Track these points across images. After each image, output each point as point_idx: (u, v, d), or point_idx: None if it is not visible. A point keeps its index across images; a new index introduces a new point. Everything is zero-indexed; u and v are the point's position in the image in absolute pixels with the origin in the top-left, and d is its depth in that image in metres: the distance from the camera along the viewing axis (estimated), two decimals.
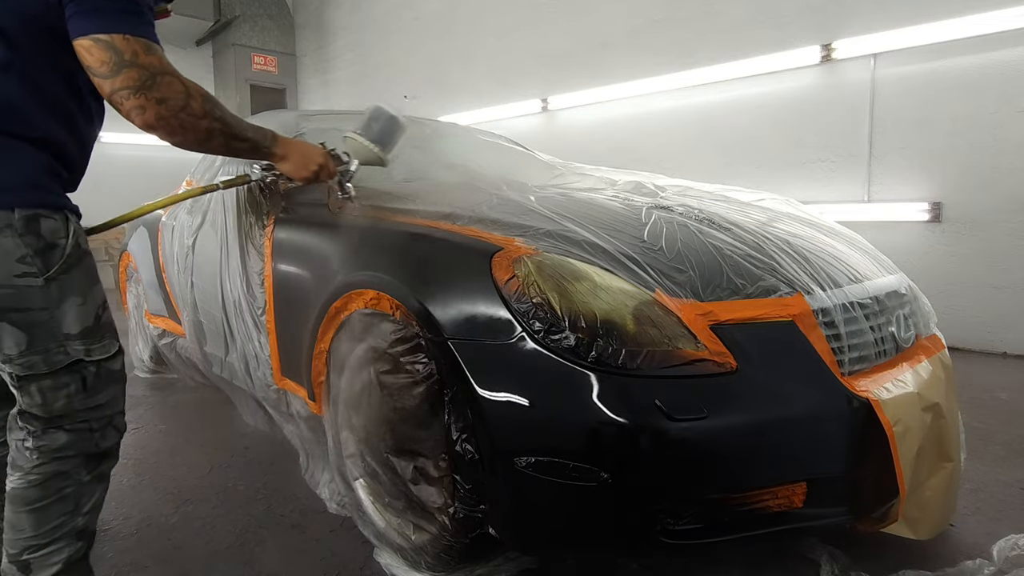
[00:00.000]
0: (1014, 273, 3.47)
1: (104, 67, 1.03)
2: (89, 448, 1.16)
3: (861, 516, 1.22)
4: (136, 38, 1.05)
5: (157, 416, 2.64)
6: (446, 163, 2.29)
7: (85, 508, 1.17)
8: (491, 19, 6.16)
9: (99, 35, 1.02)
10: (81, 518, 1.17)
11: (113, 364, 1.18)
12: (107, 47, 1.02)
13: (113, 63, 1.03)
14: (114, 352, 1.18)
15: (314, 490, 1.79)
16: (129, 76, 1.04)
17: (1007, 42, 3.36)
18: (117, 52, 1.03)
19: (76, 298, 1.10)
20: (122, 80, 1.04)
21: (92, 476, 1.18)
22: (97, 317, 1.14)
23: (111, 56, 1.03)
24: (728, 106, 4.50)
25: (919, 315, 1.54)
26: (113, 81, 1.04)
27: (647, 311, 1.14)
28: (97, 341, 1.14)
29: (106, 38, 1.02)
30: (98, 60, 1.03)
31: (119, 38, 1.03)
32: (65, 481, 1.14)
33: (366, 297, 1.45)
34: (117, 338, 1.20)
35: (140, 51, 1.05)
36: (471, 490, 1.20)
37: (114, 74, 1.04)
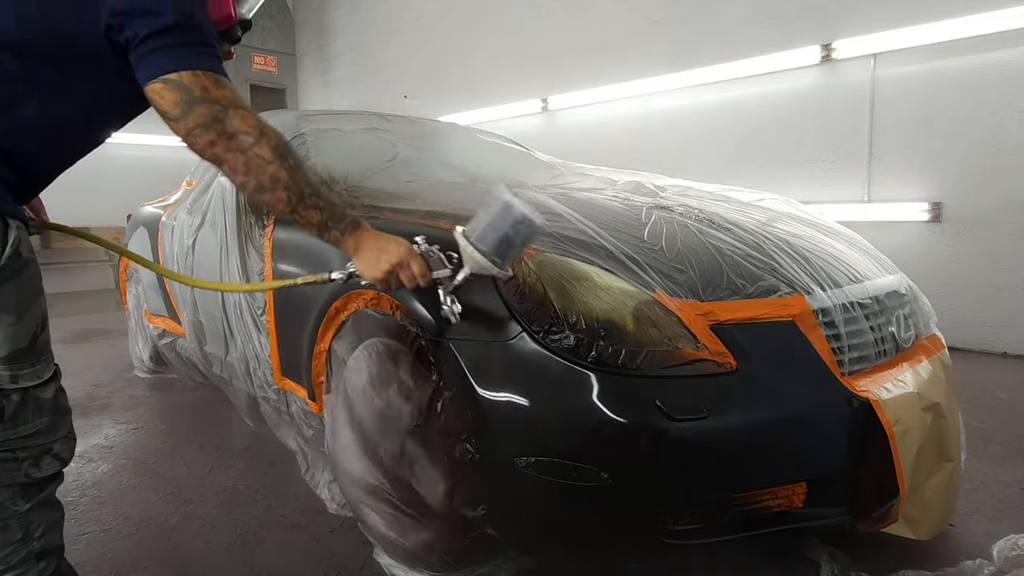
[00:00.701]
0: (1014, 273, 3.47)
1: (176, 108, 0.99)
2: (18, 479, 1.05)
3: (861, 516, 1.22)
4: (204, 73, 1.00)
5: (157, 416, 2.64)
6: (446, 163, 2.29)
7: (36, 533, 1.09)
8: (491, 19, 6.17)
9: (167, 76, 0.98)
10: (36, 542, 1.09)
11: (43, 392, 1.06)
12: (176, 87, 0.98)
13: (183, 102, 0.98)
14: (47, 378, 1.06)
15: (314, 490, 1.79)
16: (200, 113, 0.99)
17: (1007, 42, 3.36)
18: (186, 90, 0.98)
19: (6, 316, 0.97)
20: (194, 118, 0.99)
21: (33, 504, 1.08)
22: (34, 337, 1.03)
23: (180, 95, 0.98)
24: (728, 106, 4.51)
25: (919, 315, 1.54)
26: (186, 122, 0.99)
27: (647, 311, 1.14)
28: (27, 366, 1.02)
29: (175, 77, 0.98)
30: (169, 102, 0.98)
31: (187, 75, 0.99)
32: (2, 512, 1.04)
33: (366, 297, 1.46)
34: (53, 360, 1.09)
35: (210, 85, 1.00)
36: (471, 490, 1.20)
37: (185, 114, 0.99)
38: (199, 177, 2.65)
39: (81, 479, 2.00)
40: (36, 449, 1.07)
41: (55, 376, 1.09)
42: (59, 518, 1.15)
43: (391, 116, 2.57)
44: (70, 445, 1.15)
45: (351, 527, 1.61)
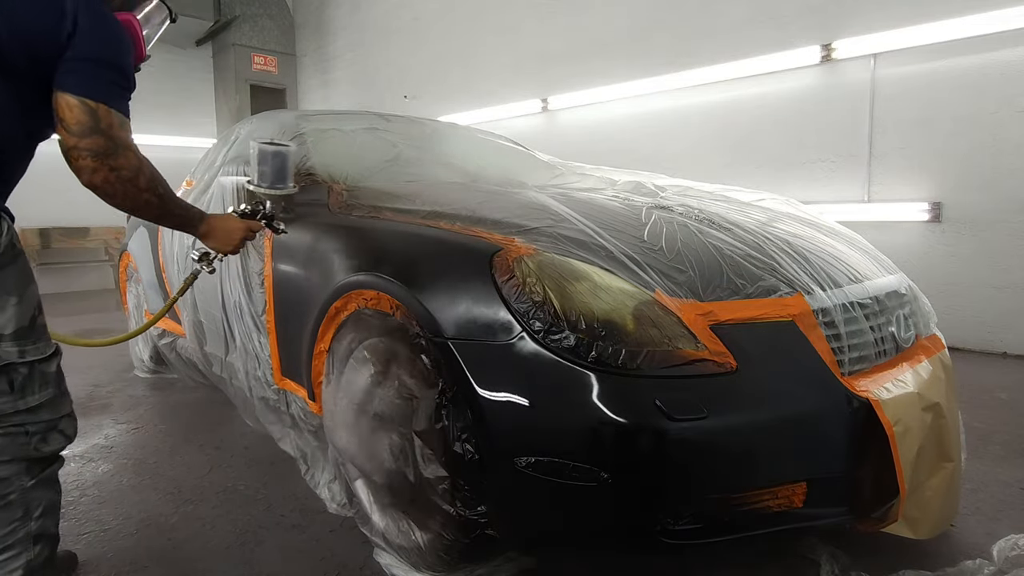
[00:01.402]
0: (1014, 273, 3.47)
1: (77, 126, 1.13)
2: (27, 453, 1.14)
3: (861, 516, 1.22)
4: (116, 112, 1.17)
5: (157, 416, 2.64)
6: (446, 163, 2.29)
7: (36, 513, 1.15)
8: (491, 19, 6.17)
9: (86, 99, 1.13)
10: (34, 523, 1.15)
11: (48, 366, 1.17)
12: (88, 112, 1.13)
13: (88, 126, 1.13)
14: (50, 354, 1.18)
15: (314, 490, 1.79)
16: (96, 142, 1.15)
17: (1007, 42, 3.36)
18: (95, 119, 1.14)
19: (11, 297, 1.10)
20: (88, 143, 1.14)
21: (37, 481, 1.16)
22: (33, 319, 1.14)
23: (88, 120, 1.13)
24: (728, 106, 4.51)
25: (919, 315, 1.54)
26: (79, 140, 1.14)
27: (647, 311, 1.14)
28: (31, 343, 1.13)
29: (92, 104, 1.13)
30: (75, 119, 1.13)
31: (103, 108, 1.15)
32: (7, 488, 1.12)
33: (366, 297, 1.46)
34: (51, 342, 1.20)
35: (115, 124, 1.17)
36: (471, 490, 1.20)
37: (83, 136, 1.13)
38: (199, 177, 2.66)
39: (81, 479, 2.00)
40: (44, 424, 1.16)
41: (56, 352, 1.21)
42: (57, 500, 1.23)
43: (391, 116, 2.57)
44: (74, 424, 1.25)
45: (351, 527, 1.61)
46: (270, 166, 1.58)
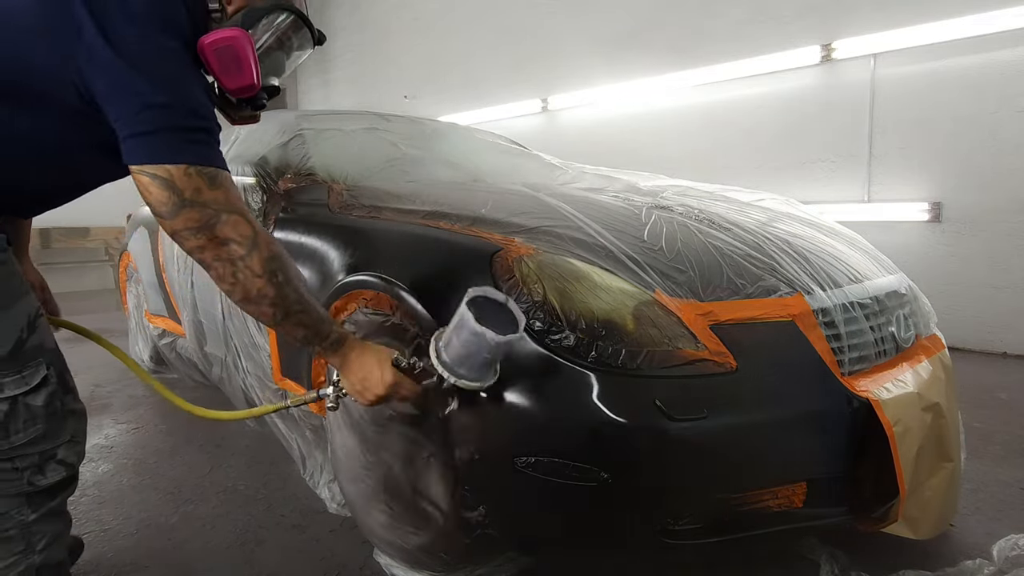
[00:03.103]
0: (1014, 273, 3.47)
1: (164, 207, 0.92)
2: (21, 488, 1.00)
3: (861, 516, 1.22)
4: (199, 169, 0.93)
5: (157, 416, 2.64)
6: (446, 163, 2.29)
7: (39, 546, 1.04)
8: (491, 19, 6.16)
9: (156, 169, 0.90)
10: (38, 556, 1.04)
11: (34, 399, 0.99)
12: (166, 185, 0.91)
13: (173, 202, 0.91)
14: (36, 384, 1.00)
15: (314, 490, 1.79)
16: (190, 217, 0.93)
17: (1007, 42, 3.36)
18: (176, 191, 0.91)
19: None
20: (182, 220, 0.93)
21: (41, 514, 1.03)
22: (19, 342, 0.97)
23: (170, 196, 0.91)
24: (728, 106, 4.51)
25: (919, 315, 1.54)
26: (174, 222, 0.93)
27: (647, 311, 1.14)
28: (13, 372, 0.97)
29: (164, 174, 0.91)
30: (157, 200, 0.92)
31: (179, 173, 0.91)
32: (6, 523, 1.00)
33: (366, 297, 1.45)
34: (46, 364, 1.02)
35: (203, 186, 0.93)
36: (471, 490, 1.20)
37: (174, 215, 0.92)
38: None
39: (81, 479, 1.99)
40: (36, 457, 1.01)
41: (45, 381, 1.02)
42: (64, 530, 1.11)
43: (391, 116, 2.57)
44: (76, 449, 1.08)
45: (351, 527, 1.61)
46: (482, 356, 1.04)
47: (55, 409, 1.04)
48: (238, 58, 1.00)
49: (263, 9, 1.06)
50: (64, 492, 1.08)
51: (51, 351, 1.06)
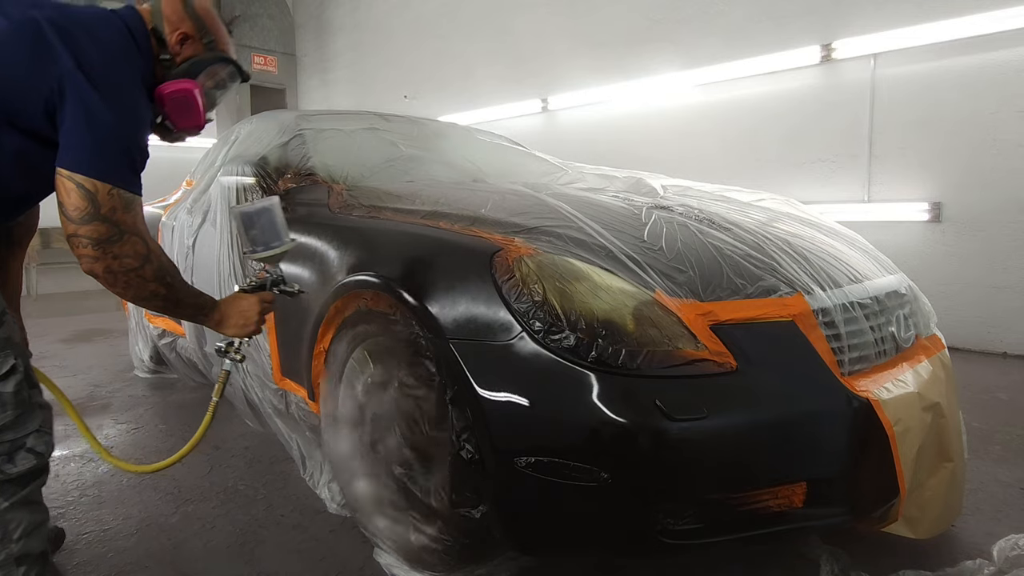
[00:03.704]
0: (1014, 273, 3.47)
1: (76, 211, 1.03)
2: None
3: (861, 516, 1.22)
4: (120, 191, 1.06)
5: (157, 416, 2.64)
6: (446, 163, 2.29)
7: (15, 535, 1.07)
8: (491, 19, 6.17)
9: (84, 180, 1.02)
10: (15, 545, 1.07)
11: (4, 386, 1.05)
12: (87, 196, 1.03)
13: (87, 213, 1.03)
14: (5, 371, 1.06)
15: (314, 490, 1.79)
16: (96, 229, 1.05)
17: (1007, 42, 3.36)
18: (95, 204, 1.04)
19: None
20: (88, 230, 1.05)
21: (12, 503, 1.07)
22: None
23: (88, 205, 1.03)
24: (728, 106, 4.51)
25: (919, 315, 1.54)
26: (79, 227, 1.04)
27: (647, 311, 1.14)
28: None
29: (90, 187, 1.03)
30: (74, 204, 1.03)
31: (104, 189, 1.04)
32: None
33: (366, 297, 1.46)
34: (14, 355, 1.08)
35: (119, 207, 1.06)
36: (471, 490, 1.20)
37: (84, 222, 1.04)
38: (199, 177, 2.66)
39: (81, 479, 2.00)
40: (6, 445, 1.06)
41: (13, 370, 1.08)
42: (42, 521, 1.13)
43: (391, 116, 2.57)
44: (45, 439, 1.13)
45: (351, 527, 1.61)
46: (258, 227, 1.38)
47: (23, 398, 1.09)
48: (191, 105, 1.23)
49: (206, 60, 1.28)
50: (35, 481, 1.12)
51: (17, 345, 1.11)
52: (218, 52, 1.30)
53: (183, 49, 1.25)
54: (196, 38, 1.26)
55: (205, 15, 1.29)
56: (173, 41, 1.23)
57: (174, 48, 1.24)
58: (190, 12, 1.26)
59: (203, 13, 1.29)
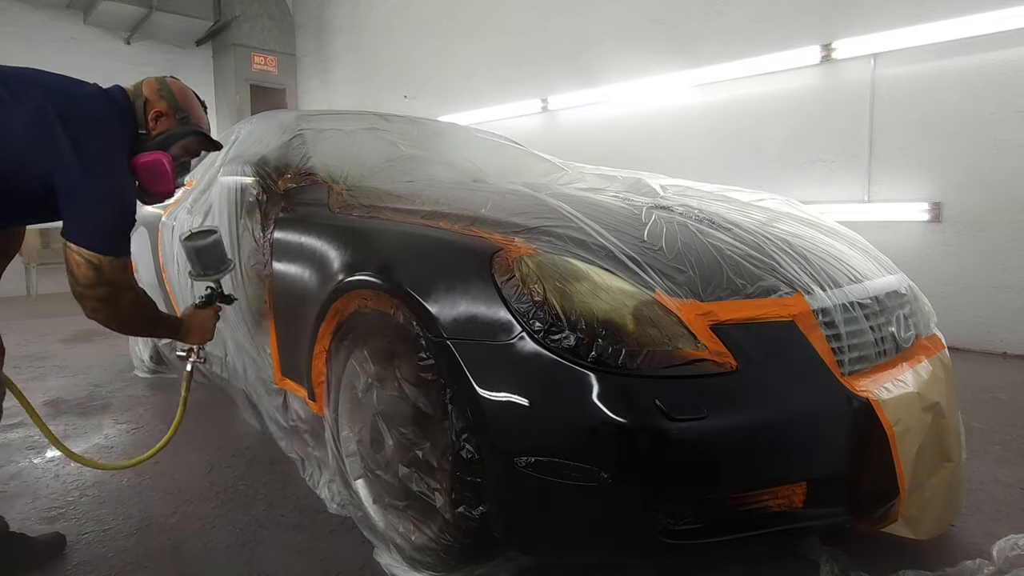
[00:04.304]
0: (1014, 273, 3.47)
1: (85, 279, 1.27)
2: None
3: (861, 516, 1.22)
4: (119, 260, 1.29)
5: (157, 416, 2.64)
6: (446, 163, 2.29)
7: None
8: (491, 19, 6.17)
9: (91, 255, 1.25)
10: None
11: None
12: (93, 268, 1.26)
13: (93, 280, 1.27)
14: None
15: (314, 490, 1.79)
16: (102, 292, 1.29)
17: (1007, 42, 3.36)
18: (100, 273, 1.27)
19: None
20: (94, 292, 1.28)
21: None
22: None
23: (94, 275, 1.27)
24: (728, 106, 4.51)
25: (919, 315, 1.54)
26: (86, 290, 1.28)
27: (647, 311, 1.14)
28: None
29: (96, 260, 1.26)
30: (83, 273, 1.26)
31: (106, 261, 1.27)
32: None
33: (366, 297, 1.45)
34: None
35: (118, 271, 1.30)
36: (471, 490, 1.20)
37: (91, 287, 1.28)
38: (199, 177, 2.65)
39: (81, 479, 2.00)
40: None
41: None
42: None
43: (391, 116, 2.57)
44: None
45: (351, 527, 1.61)
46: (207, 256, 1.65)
47: None
48: (162, 174, 1.40)
49: (179, 134, 1.46)
50: None
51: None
52: (190, 126, 1.48)
53: (158, 125, 1.43)
54: (170, 114, 1.45)
55: (179, 94, 1.48)
56: (149, 118, 1.42)
57: (150, 124, 1.42)
58: (164, 93, 1.45)
59: (177, 92, 1.48)
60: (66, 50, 7.60)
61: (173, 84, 1.49)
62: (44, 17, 7.54)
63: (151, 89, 1.45)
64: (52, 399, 2.84)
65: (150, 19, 7.73)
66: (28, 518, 1.74)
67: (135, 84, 1.46)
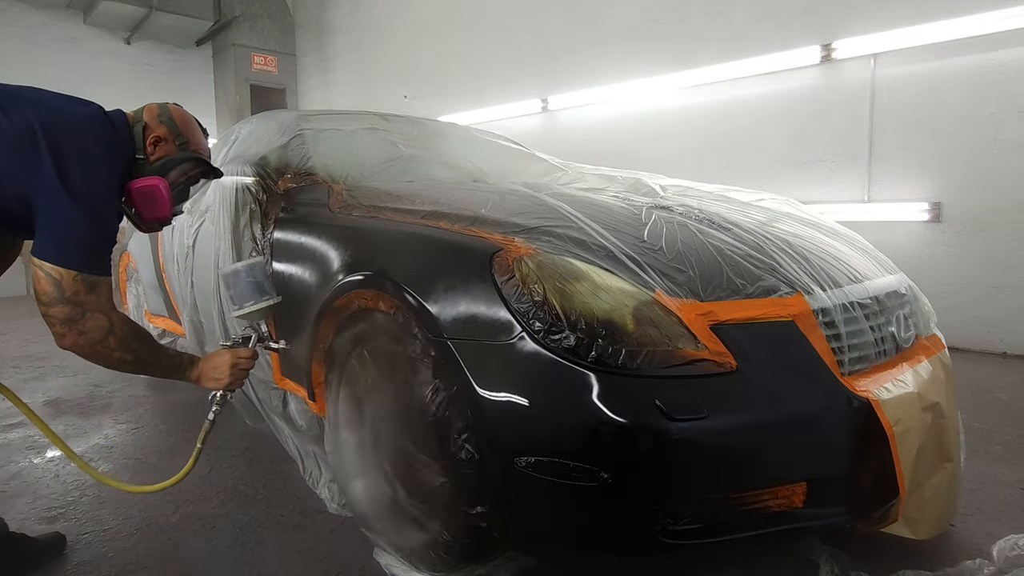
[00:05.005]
0: (1014, 273, 3.47)
1: (45, 296, 1.20)
2: None
3: (861, 516, 1.22)
4: (84, 276, 1.21)
5: (157, 416, 2.64)
6: (446, 163, 2.29)
7: None
8: (491, 19, 6.16)
9: (52, 268, 1.18)
10: None
11: None
12: (54, 283, 1.19)
13: (53, 296, 1.19)
14: None
15: (314, 490, 1.79)
16: (62, 311, 1.20)
17: (1007, 42, 3.36)
18: (60, 289, 1.19)
19: None
20: (56, 311, 1.20)
21: None
22: None
23: (54, 291, 1.19)
24: (728, 106, 4.51)
25: (919, 315, 1.54)
26: (48, 308, 1.21)
27: (647, 311, 1.14)
28: None
29: (56, 275, 1.19)
30: (43, 289, 1.20)
31: (68, 276, 1.19)
32: None
33: (366, 297, 1.45)
34: None
35: (82, 289, 1.21)
36: (471, 490, 1.20)
37: (51, 304, 1.20)
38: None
39: (81, 479, 2.00)
40: None
41: None
42: None
43: (391, 116, 2.57)
44: None
45: (351, 527, 1.61)
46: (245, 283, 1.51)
47: None
48: (157, 199, 1.35)
49: (178, 159, 1.42)
50: None
51: None
52: (189, 152, 1.45)
53: (156, 150, 1.40)
54: (169, 140, 1.42)
55: (180, 120, 1.45)
56: (148, 143, 1.39)
57: (148, 149, 1.39)
58: (164, 119, 1.43)
59: (177, 118, 1.45)
60: (66, 50, 7.59)
61: (174, 110, 1.47)
62: (44, 17, 7.54)
63: (151, 115, 1.43)
64: (52, 399, 2.84)
65: (150, 19, 7.72)
66: (28, 518, 1.74)
67: (136, 109, 1.44)
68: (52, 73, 7.33)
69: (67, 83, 7.24)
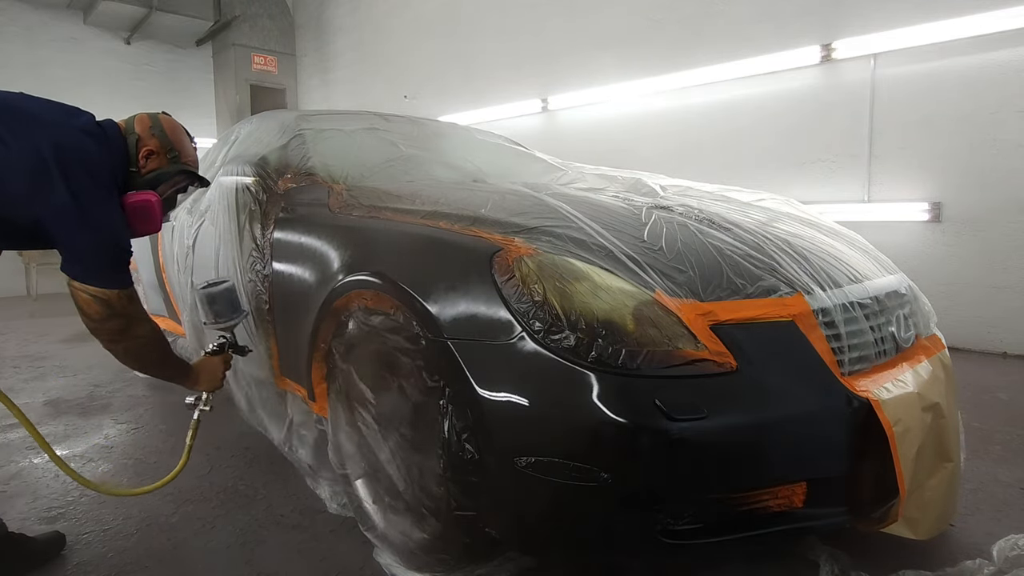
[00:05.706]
0: (1014, 273, 3.47)
1: (96, 314, 1.31)
2: None
3: (861, 516, 1.22)
4: (124, 291, 1.32)
5: (157, 416, 2.64)
6: (446, 163, 2.29)
7: None
8: (491, 19, 6.17)
9: (96, 291, 1.28)
10: None
11: None
12: (103, 304, 1.30)
13: (106, 315, 1.31)
14: None
15: (314, 490, 1.79)
16: (115, 325, 1.34)
17: (1007, 42, 3.36)
18: (110, 307, 1.31)
19: None
20: (109, 325, 1.33)
21: None
22: None
23: (105, 310, 1.31)
24: (728, 106, 4.51)
25: (919, 315, 1.54)
26: (99, 325, 1.32)
27: (647, 311, 1.14)
28: None
29: (103, 296, 1.29)
30: (94, 311, 1.30)
31: (115, 295, 1.31)
32: None
33: (366, 297, 1.45)
34: None
35: (126, 303, 1.34)
36: (471, 490, 1.20)
37: (104, 321, 1.32)
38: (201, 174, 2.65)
39: None
40: None
41: None
42: None
43: (391, 116, 2.57)
44: None
45: (351, 527, 1.61)
46: (219, 304, 1.68)
47: None
48: (149, 214, 1.41)
49: (169, 172, 1.48)
50: None
51: None
52: (180, 165, 1.50)
53: (148, 163, 1.45)
54: (160, 153, 1.46)
55: (170, 131, 1.50)
56: (140, 156, 1.43)
57: (140, 162, 1.43)
58: (156, 131, 1.47)
59: (168, 130, 1.49)
60: (66, 50, 7.60)
61: (165, 121, 1.51)
62: (44, 17, 7.54)
63: (143, 126, 1.46)
64: (52, 399, 2.84)
65: (150, 19, 7.72)
66: (28, 518, 1.74)
67: (127, 119, 1.47)
68: (52, 73, 7.34)
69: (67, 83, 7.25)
